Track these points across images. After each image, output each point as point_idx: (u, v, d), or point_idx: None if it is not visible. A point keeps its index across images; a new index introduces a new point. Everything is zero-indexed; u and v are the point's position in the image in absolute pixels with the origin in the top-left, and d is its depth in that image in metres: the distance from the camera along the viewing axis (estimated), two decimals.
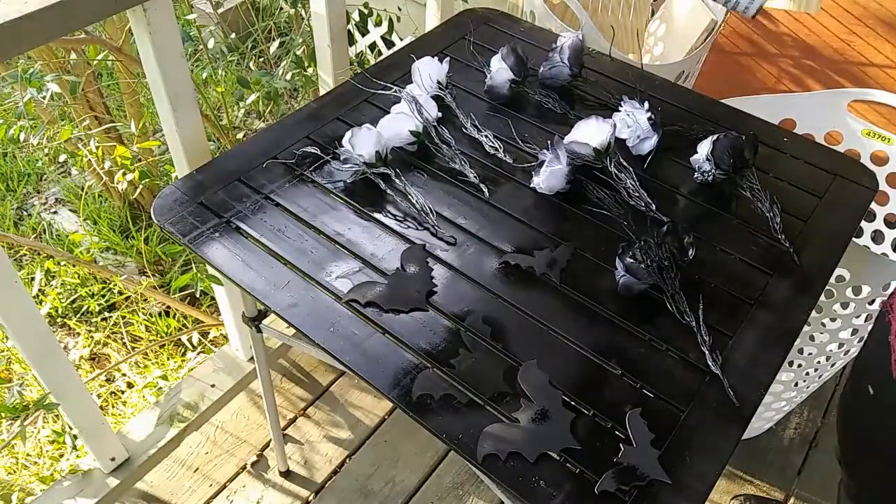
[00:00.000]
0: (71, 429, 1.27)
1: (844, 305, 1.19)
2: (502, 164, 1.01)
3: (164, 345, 1.77)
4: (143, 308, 1.84)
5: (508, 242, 0.90)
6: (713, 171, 0.98)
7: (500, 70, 1.10)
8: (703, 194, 0.99)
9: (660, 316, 0.83)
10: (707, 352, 0.78)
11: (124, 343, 1.77)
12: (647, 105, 1.02)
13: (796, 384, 1.40)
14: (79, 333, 1.79)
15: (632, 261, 0.82)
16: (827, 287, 0.98)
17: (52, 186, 2.15)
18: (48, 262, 1.83)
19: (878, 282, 1.12)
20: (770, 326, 0.83)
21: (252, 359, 1.60)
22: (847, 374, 1.59)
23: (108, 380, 1.70)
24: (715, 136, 0.98)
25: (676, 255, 0.83)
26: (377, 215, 0.93)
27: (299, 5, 1.62)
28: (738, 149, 0.97)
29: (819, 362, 1.32)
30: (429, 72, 1.07)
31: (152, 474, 1.47)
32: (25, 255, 1.96)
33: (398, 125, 1.00)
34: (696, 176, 1.00)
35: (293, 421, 1.59)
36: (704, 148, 0.99)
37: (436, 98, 1.07)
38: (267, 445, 1.54)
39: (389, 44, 2.18)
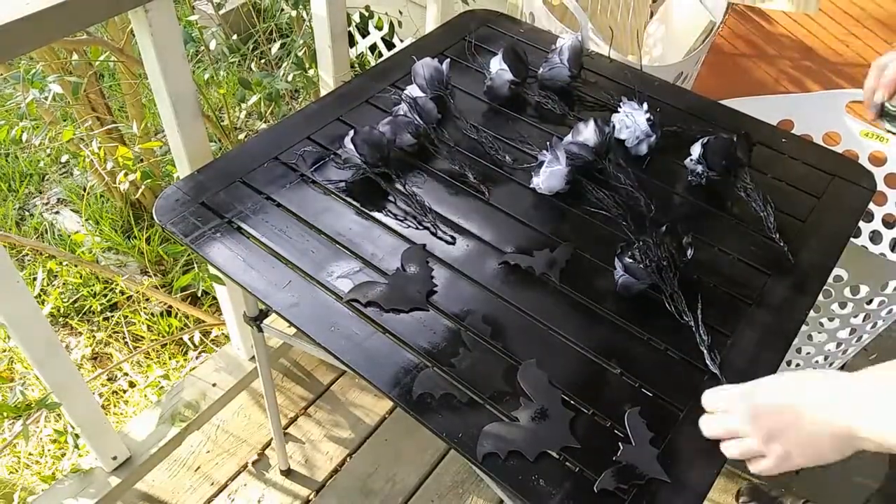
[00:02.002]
0: (73, 428, 1.28)
1: (842, 305, 1.19)
2: (502, 165, 1.02)
3: (165, 344, 1.78)
4: (144, 308, 1.85)
5: (508, 242, 0.91)
6: (706, 172, 0.98)
7: (499, 71, 1.11)
8: (701, 194, 1.00)
9: (659, 316, 0.83)
10: (705, 351, 0.79)
11: (126, 342, 1.78)
12: (646, 106, 1.03)
13: None
14: (80, 333, 1.80)
15: (631, 261, 0.83)
16: (825, 287, 0.99)
17: (54, 187, 2.16)
18: (50, 262, 1.84)
19: (876, 282, 1.13)
20: (768, 326, 0.83)
21: (253, 358, 1.60)
22: None
23: (109, 379, 1.70)
24: (705, 139, 0.98)
25: (675, 255, 0.84)
26: (378, 215, 0.93)
27: (300, 7, 1.63)
28: (730, 150, 0.97)
29: (817, 362, 1.33)
30: (429, 73, 1.07)
31: (153, 473, 1.48)
32: (27, 255, 1.97)
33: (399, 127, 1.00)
34: (689, 178, 1.01)
35: (294, 420, 1.60)
36: (696, 150, 0.99)
37: (436, 99, 1.07)
38: (268, 444, 1.55)
39: (390, 45, 2.19)
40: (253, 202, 0.93)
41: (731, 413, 0.66)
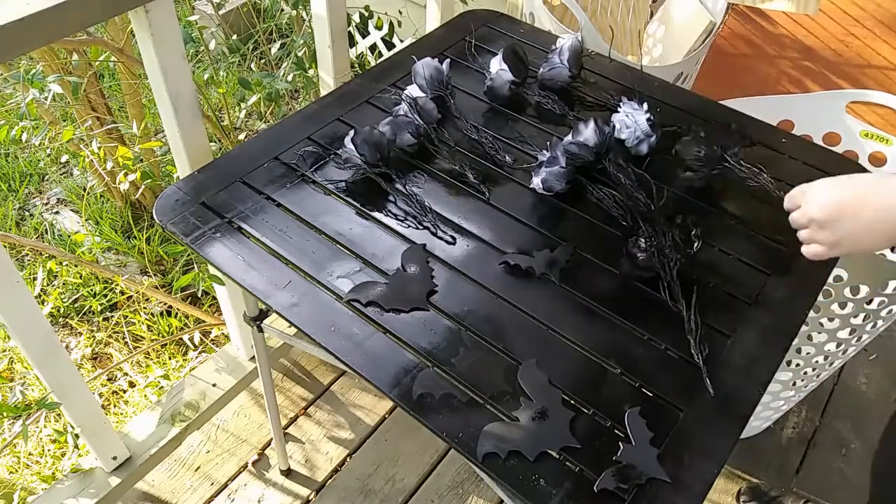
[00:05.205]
0: (73, 428, 1.28)
1: (842, 305, 1.19)
2: (502, 165, 1.02)
3: (165, 344, 1.78)
4: (144, 308, 1.85)
5: (508, 242, 0.91)
6: (696, 170, 0.99)
7: (499, 71, 1.11)
8: (701, 194, 1.00)
9: (659, 315, 0.83)
10: (693, 341, 0.78)
11: (126, 342, 1.78)
12: (646, 106, 1.03)
13: (794, 383, 1.40)
14: (80, 333, 1.80)
15: (637, 249, 0.84)
16: (825, 287, 0.99)
17: (54, 187, 2.16)
18: (50, 262, 1.84)
19: (876, 282, 1.13)
20: (768, 326, 0.83)
21: (253, 358, 1.60)
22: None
23: (109, 379, 1.70)
24: (684, 138, 0.99)
25: (681, 246, 0.84)
26: (378, 215, 0.93)
27: (300, 7, 1.63)
28: (707, 145, 0.98)
29: (817, 362, 1.32)
30: (429, 73, 1.07)
31: (153, 473, 1.48)
32: (27, 255, 1.97)
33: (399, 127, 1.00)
34: (682, 177, 1.01)
35: (294, 420, 1.60)
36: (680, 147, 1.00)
37: (436, 99, 1.07)
38: (268, 444, 1.55)
39: (390, 45, 2.19)
40: (253, 202, 0.94)
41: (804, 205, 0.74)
